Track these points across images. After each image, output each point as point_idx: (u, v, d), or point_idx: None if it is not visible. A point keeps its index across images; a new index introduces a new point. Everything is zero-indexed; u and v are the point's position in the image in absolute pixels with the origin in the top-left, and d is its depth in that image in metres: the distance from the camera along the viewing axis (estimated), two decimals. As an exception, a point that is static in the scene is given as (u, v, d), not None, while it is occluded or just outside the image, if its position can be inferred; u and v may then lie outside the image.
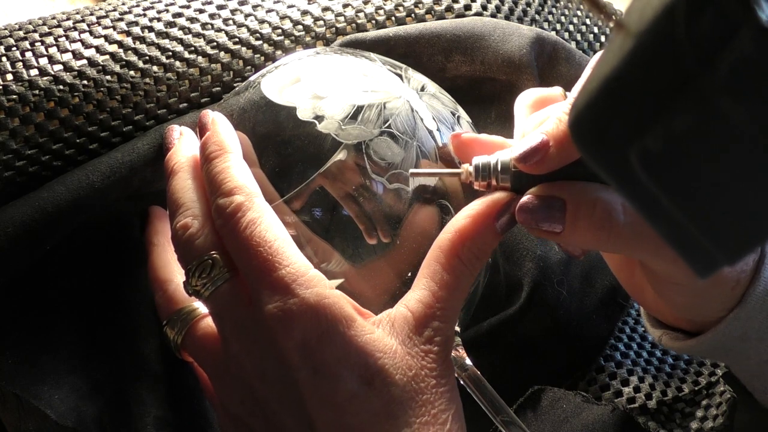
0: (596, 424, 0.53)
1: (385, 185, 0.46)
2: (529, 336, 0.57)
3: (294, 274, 0.41)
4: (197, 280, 0.44)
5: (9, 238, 0.49)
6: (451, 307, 0.43)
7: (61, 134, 0.52)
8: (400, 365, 0.41)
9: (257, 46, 0.56)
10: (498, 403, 0.46)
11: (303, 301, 0.41)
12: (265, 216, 0.43)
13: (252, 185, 0.45)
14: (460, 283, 0.43)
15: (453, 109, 0.51)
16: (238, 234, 0.43)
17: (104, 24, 0.54)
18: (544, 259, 0.57)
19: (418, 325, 0.42)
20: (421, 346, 0.42)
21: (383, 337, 0.42)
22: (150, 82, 0.54)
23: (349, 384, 0.41)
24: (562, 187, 0.42)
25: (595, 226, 0.41)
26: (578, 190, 0.41)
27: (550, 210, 0.41)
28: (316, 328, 0.41)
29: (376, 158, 0.46)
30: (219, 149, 0.46)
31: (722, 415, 0.54)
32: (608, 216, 0.41)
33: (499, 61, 0.59)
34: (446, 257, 0.43)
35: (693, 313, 0.46)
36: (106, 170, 0.51)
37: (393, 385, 0.41)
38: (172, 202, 0.47)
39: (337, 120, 0.46)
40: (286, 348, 0.41)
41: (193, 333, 0.46)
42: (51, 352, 0.52)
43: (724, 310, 0.44)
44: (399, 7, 0.61)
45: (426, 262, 0.44)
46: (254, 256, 0.42)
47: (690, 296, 0.44)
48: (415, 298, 0.43)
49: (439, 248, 0.43)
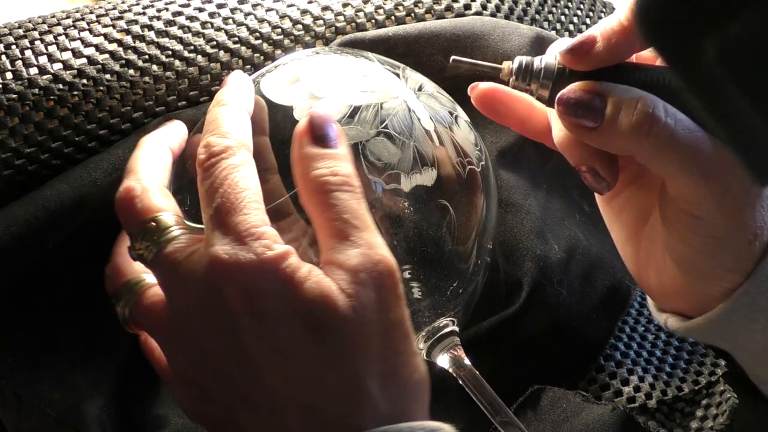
0: (596, 423, 0.53)
1: (382, 186, 0.46)
2: (529, 336, 0.57)
3: (251, 223, 0.41)
4: (140, 243, 0.44)
5: (14, 237, 0.49)
6: (349, 226, 0.42)
7: (61, 133, 0.52)
8: (342, 310, 0.40)
9: (257, 45, 0.56)
10: (496, 404, 0.46)
11: (251, 250, 0.40)
12: (246, 167, 0.43)
13: (247, 137, 0.44)
14: (334, 204, 0.42)
15: (451, 108, 0.51)
16: (215, 173, 0.42)
17: (104, 23, 0.55)
18: (544, 259, 0.57)
19: (347, 264, 0.41)
20: (356, 285, 0.41)
21: (323, 280, 0.41)
22: (149, 80, 0.54)
23: (294, 331, 0.40)
24: (605, 85, 0.43)
25: (636, 121, 0.41)
26: (621, 89, 0.42)
27: (591, 102, 0.42)
28: (261, 276, 0.40)
29: (373, 159, 0.46)
30: (231, 99, 0.46)
31: (722, 415, 0.54)
32: (651, 113, 0.41)
33: (498, 61, 0.59)
34: (313, 203, 0.42)
35: (701, 274, 0.45)
36: (108, 167, 0.51)
37: (336, 331, 0.40)
38: (126, 170, 0.46)
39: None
40: (230, 294, 0.40)
41: (140, 302, 0.45)
42: (51, 352, 0.52)
43: (736, 272, 0.44)
44: (399, 7, 0.61)
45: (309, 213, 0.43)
46: (220, 195, 0.41)
47: (707, 238, 0.44)
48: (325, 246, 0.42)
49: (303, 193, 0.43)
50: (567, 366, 0.58)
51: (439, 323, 0.48)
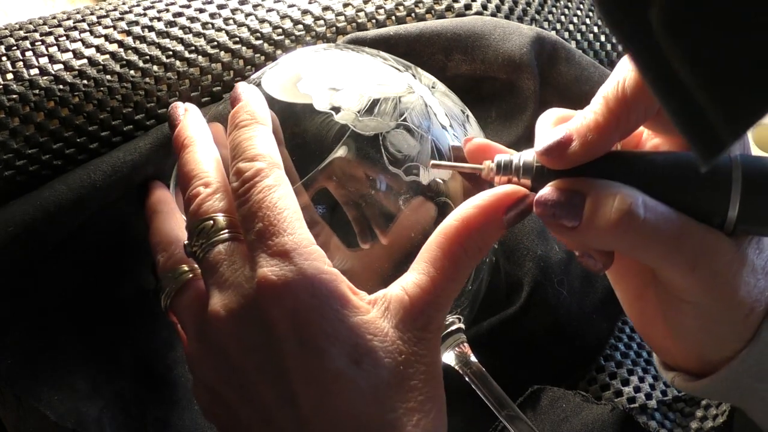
0: (596, 423, 0.53)
1: (401, 177, 0.46)
2: (529, 336, 0.57)
3: (296, 243, 0.41)
4: (195, 240, 0.44)
5: (11, 238, 0.49)
6: (447, 296, 0.42)
7: (62, 133, 0.52)
8: (390, 349, 0.41)
9: (258, 45, 0.56)
10: (502, 399, 0.46)
11: (300, 270, 0.40)
12: (282, 186, 0.43)
13: (276, 156, 0.44)
14: (459, 272, 0.42)
15: (462, 107, 0.51)
16: (251, 197, 0.42)
17: (104, 23, 0.54)
18: (544, 259, 0.57)
19: (414, 310, 0.42)
20: (414, 332, 0.42)
21: (376, 319, 0.41)
22: (150, 81, 0.54)
23: (336, 361, 0.40)
24: (582, 182, 0.41)
25: (614, 219, 0.40)
26: (598, 185, 0.41)
27: (569, 202, 0.41)
28: (309, 300, 0.40)
29: (393, 150, 0.46)
30: (250, 118, 0.46)
31: (722, 415, 0.54)
32: (628, 210, 0.40)
33: (499, 61, 0.59)
34: (449, 244, 0.42)
35: (702, 345, 0.44)
36: (107, 169, 0.51)
37: (381, 367, 0.40)
38: (184, 174, 0.46)
39: (353, 111, 0.47)
40: (275, 316, 0.40)
41: (183, 292, 0.45)
42: (50, 353, 0.52)
43: (737, 342, 0.43)
44: (399, 6, 0.61)
45: (427, 246, 0.43)
46: (261, 218, 0.41)
47: (701, 319, 0.43)
48: (413, 282, 0.42)
49: (443, 234, 0.43)
50: (567, 366, 0.58)
51: (445, 320, 0.48)
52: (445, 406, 0.43)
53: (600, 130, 0.41)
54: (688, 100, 0.27)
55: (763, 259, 0.42)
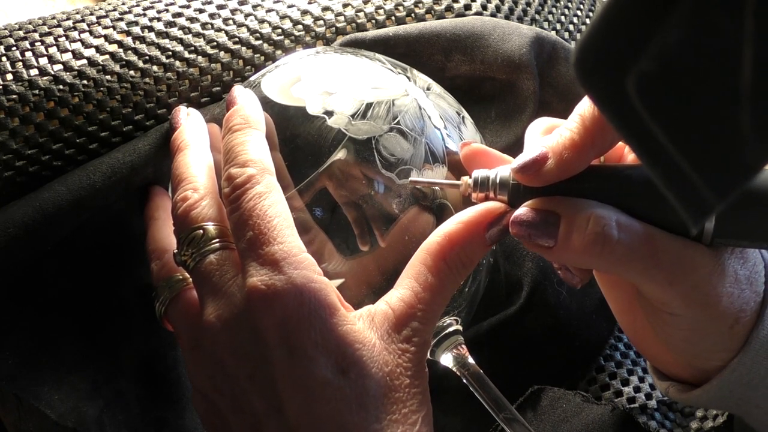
0: (596, 423, 0.53)
1: (395, 180, 0.46)
2: (529, 336, 0.57)
3: (286, 252, 0.41)
4: (185, 250, 0.44)
5: (10, 238, 0.49)
6: (432, 310, 0.43)
7: (61, 134, 0.52)
8: (377, 359, 0.41)
9: (257, 45, 0.56)
10: (500, 401, 0.46)
11: (290, 280, 0.41)
12: (273, 193, 0.43)
13: (267, 162, 0.44)
14: (444, 287, 0.43)
15: (458, 109, 0.51)
16: (242, 204, 0.42)
17: (104, 24, 0.54)
18: (544, 259, 0.57)
19: (398, 323, 0.42)
20: (399, 344, 0.42)
21: (363, 330, 0.42)
22: (150, 81, 0.54)
23: (324, 370, 0.40)
24: (557, 202, 0.42)
25: (588, 241, 0.40)
26: (573, 205, 0.41)
27: (543, 223, 0.41)
28: (298, 309, 0.40)
29: (386, 153, 0.46)
30: (243, 123, 0.46)
31: (722, 415, 0.54)
32: (602, 231, 0.40)
33: (498, 61, 0.59)
34: (433, 260, 0.43)
35: (692, 355, 0.44)
36: (107, 170, 0.51)
37: (368, 377, 0.41)
38: (175, 177, 0.47)
39: (346, 115, 0.47)
40: (265, 325, 0.40)
41: (177, 301, 0.46)
42: (51, 352, 0.52)
43: (725, 351, 0.43)
44: (399, 7, 0.61)
45: (412, 262, 0.43)
46: (251, 227, 0.42)
47: (687, 331, 0.43)
48: (397, 296, 0.43)
49: (426, 250, 0.43)
50: (567, 366, 0.58)
51: (442, 322, 0.48)
52: (431, 419, 0.43)
53: (576, 149, 0.41)
54: (672, 166, 0.27)
55: (748, 269, 0.42)
